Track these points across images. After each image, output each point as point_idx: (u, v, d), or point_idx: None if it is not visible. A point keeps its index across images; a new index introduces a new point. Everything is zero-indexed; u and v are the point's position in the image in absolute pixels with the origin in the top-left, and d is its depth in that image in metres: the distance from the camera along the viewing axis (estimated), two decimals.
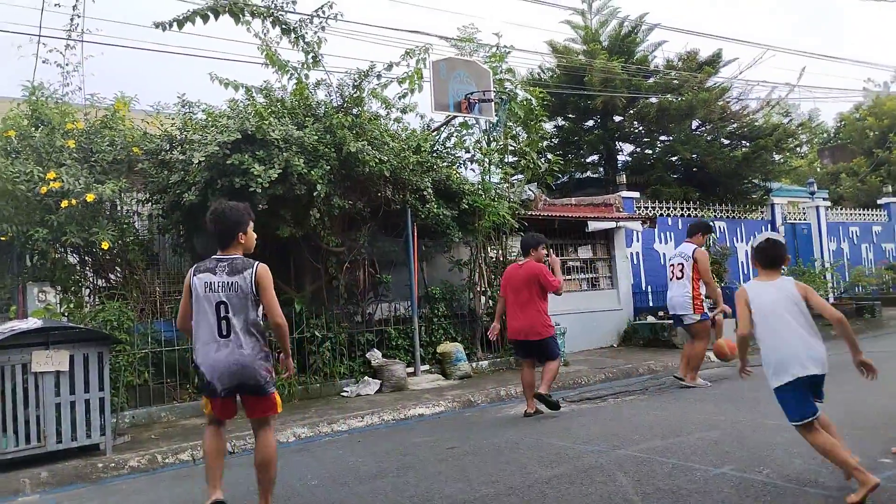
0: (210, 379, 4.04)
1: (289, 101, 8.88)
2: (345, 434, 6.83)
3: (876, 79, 51.62)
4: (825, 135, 34.02)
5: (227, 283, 4.04)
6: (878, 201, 20.11)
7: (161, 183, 8.17)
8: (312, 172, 7.78)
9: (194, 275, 4.12)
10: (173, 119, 8.78)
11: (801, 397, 3.86)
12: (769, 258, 4.15)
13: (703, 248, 8.48)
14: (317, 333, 8.74)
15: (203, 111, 8.69)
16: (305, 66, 9.23)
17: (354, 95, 8.94)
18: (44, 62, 8.64)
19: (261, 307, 4.17)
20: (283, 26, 9.24)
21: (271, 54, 9.23)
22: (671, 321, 11.69)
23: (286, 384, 8.25)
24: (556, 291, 6.92)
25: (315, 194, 7.82)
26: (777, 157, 17.75)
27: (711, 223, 13.39)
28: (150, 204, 8.64)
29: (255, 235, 4.34)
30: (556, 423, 6.54)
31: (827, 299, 14.81)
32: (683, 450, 5.06)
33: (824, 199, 18.73)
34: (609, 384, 8.77)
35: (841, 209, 19.21)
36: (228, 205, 4.27)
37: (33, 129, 7.94)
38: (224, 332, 4.01)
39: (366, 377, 8.83)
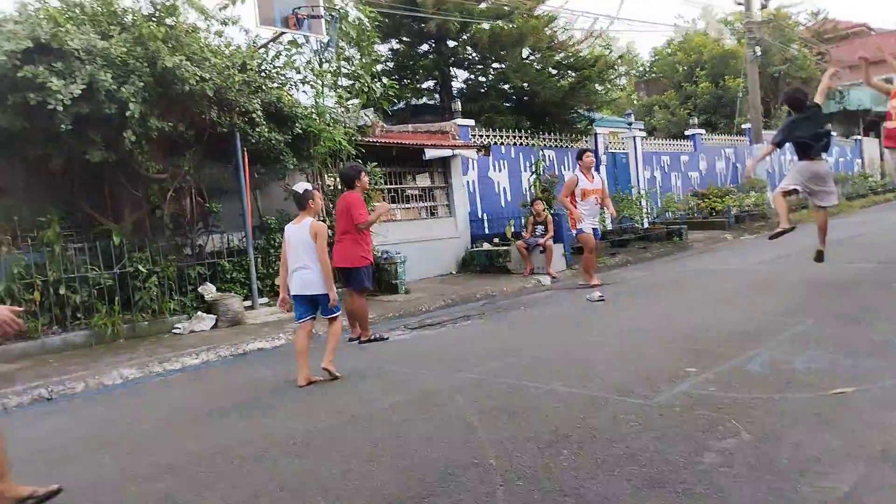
0: None
1: (89, 6, 7.81)
2: (178, 373, 6.47)
3: (686, 15, 55.28)
4: (641, 68, 36.37)
5: None
6: (686, 132, 22.02)
7: None
8: (123, 89, 6.99)
9: None
10: None
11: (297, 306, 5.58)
12: (297, 204, 5.62)
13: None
14: (141, 268, 8.08)
15: None
16: None
17: (168, 3, 8.05)
18: None
19: None
20: None
21: None
22: (506, 247, 12.20)
23: (109, 323, 7.62)
24: (358, 225, 6.79)
25: (128, 114, 7.06)
26: (599, 88, 18.69)
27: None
28: None
29: None
30: (399, 350, 6.61)
31: (642, 224, 16.14)
32: (517, 370, 5.30)
33: (640, 129, 20.13)
34: (448, 310, 8.98)
35: (654, 139, 20.80)
36: None
37: None
38: None
39: (199, 313, 8.35)
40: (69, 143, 7.29)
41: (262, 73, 9.31)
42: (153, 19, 7.85)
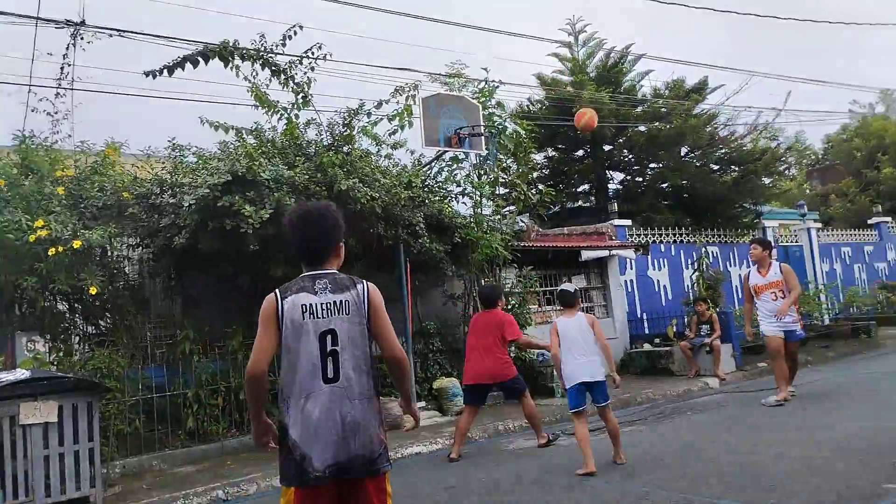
0: (305, 451, 2.72)
1: (279, 141, 8.92)
2: None
3: (861, 100, 52.24)
4: (813, 157, 34.40)
5: (335, 303, 2.78)
6: (869, 221, 20.23)
7: (151, 227, 8.10)
8: None
9: (283, 297, 2.81)
10: (164, 163, 8.78)
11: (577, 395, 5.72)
12: (565, 302, 6.31)
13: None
14: None
15: (193, 154, 8.70)
16: (296, 105, 9.30)
17: (345, 133, 8.99)
18: (33, 111, 8.67)
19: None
20: (273, 68, 9.35)
21: (260, 95, 9.30)
22: (668, 347, 11.66)
23: None
24: (515, 341, 7.18)
25: None
26: (766, 180, 17.90)
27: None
28: (140, 248, 8.59)
29: None
30: (553, 456, 6.45)
31: (822, 321, 14.82)
32: (685, 482, 4.98)
33: (815, 220, 18.83)
34: None
35: (832, 230, 19.30)
36: (323, 204, 3.03)
37: (23, 177, 7.93)
38: (331, 375, 2.74)
39: None
40: (256, 262, 8.14)
41: (426, 189, 9.98)
42: (332, 148, 8.76)
